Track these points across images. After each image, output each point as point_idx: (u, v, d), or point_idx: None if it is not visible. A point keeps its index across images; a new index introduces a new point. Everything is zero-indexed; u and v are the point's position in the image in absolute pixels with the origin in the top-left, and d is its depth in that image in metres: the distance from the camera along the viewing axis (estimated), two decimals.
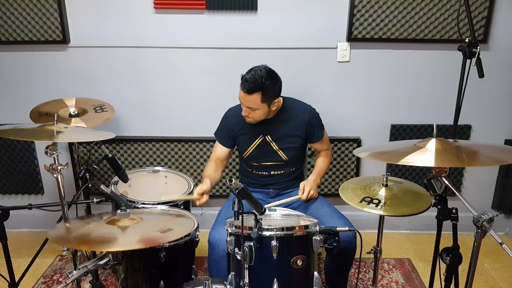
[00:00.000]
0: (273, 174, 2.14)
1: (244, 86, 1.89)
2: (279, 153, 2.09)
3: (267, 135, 2.08)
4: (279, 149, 2.09)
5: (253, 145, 2.10)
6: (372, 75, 2.61)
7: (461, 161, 1.39)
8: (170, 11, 2.48)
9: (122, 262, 1.67)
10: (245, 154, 2.14)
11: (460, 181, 2.82)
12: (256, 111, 1.96)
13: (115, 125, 2.67)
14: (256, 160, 2.13)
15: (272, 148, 2.09)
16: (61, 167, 1.57)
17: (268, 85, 1.89)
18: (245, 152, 2.13)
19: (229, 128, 2.14)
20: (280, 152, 2.09)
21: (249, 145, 2.11)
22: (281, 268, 1.48)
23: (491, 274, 2.46)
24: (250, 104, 1.92)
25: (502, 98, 2.64)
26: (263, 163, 2.13)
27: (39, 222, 2.88)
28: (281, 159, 2.11)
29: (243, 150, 2.14)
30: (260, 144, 2.09)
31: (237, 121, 2.11)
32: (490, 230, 1.22)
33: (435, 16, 2.45)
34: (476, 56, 1.65)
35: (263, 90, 1.88)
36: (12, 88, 2.64)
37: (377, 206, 1.59)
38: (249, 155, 2.13)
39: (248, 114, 1.98)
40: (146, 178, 2.23)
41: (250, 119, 2.01)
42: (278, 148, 2.08)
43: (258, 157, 2.12)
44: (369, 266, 2.54)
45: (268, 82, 1.89)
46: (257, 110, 1.95)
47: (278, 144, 2.08)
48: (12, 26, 2.49)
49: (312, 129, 2.10)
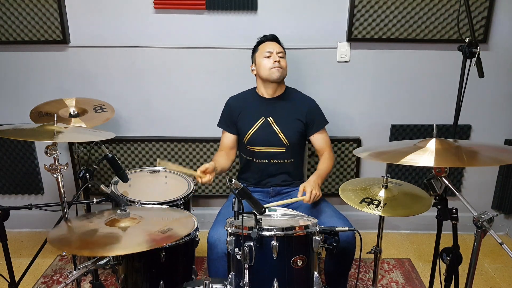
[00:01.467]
0: (273, 162, 2.15)
1: (269, 37, 2.18)
2: (280, 135, 2.11)
3: (268, 117, 2.12)
4: (280, 131, 2.11)
5: (254, 127, 2.13)
6: (372, 75, 2.61)
7: (461, 161, 1.39)
8: (170, 11, 2.48)
9: (122, 262, 1.67)
10: (246, 137, 2.15)
11: (460, 181, 2.82)
12: (283, 59, 2.12)
13: (115, 125, 2.67)
14: (257, 144, 2.14)
15: (273, 130, 2.12)
16: (61, 167, 1.57)
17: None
18: (246, 134, 2.15)
19: (231, 113, 2.21)
20: (281, 135, 2.11)
21: (250, 127, 2.14)
22: (281, 268, 1.48)
23: (491, 274, 2.46)
24: (280, 49, 2.14)
25: (502, 98, 2.64)
26: (264, 148, 2.14)
27: (39, 222, 2.88)
28: (282, 143, 2.12)
29: (244, 133, 2.16)
30: (261, 126, 2.13)
31: (238, 106, 2.21)
32: (490, 230, 1.22)
33: (435, 16, 2.46)
34: (476, 56, 1.65)
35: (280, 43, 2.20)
36: (12, 88, 2.64)
37: (377, 207, 1.59)
38: (250, 137, 2.14)
39: (279, 61, 2.09)
40: (146, 178, 2.23)
41: (279, 69, 2.09)
42: (279, 131, 2.11)
43: (259, 140, 2.14)
44: (369, 266, 2.54)
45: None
46: (283, 58, 2.13)
47: (279, 126, 2.12)
48: (12, 26, 2.49)
49: (313, 116, 2.15)
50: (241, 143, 2.21)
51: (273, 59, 2.08)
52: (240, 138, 2.22)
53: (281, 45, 2.18)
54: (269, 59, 2.09)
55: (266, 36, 2.19)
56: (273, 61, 2.08)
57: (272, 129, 2.12)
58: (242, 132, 2.18)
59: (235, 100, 2.25)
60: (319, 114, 2.20)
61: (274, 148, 2.13)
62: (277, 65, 2.08)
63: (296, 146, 2.17)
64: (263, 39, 2.19)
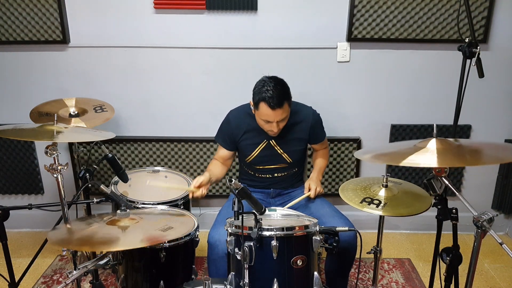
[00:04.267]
0: (276, 176, 2.14)
1: (272, 102, 1.83)
2: (283, 156, 2.09)
3: (271, 140, 2.06)
4: (284, 152, 2.08)
5: (257, 150, 2.08)
6: (372, 75, 2.61)
7: (463, 160, 1.39)
8: (170, 11, 2.48)
9: (122, 262, 1.67)
10: (249, 159, 2.11)
11: (460, 181, 2.82)
12: (284, 120, 1.93)
13: (115, 125, 2.67)
14: (260, 164, 2.12)
15: (277, 152, 2.08)
16: (61, 167, 1.57)
17: (287, 88, 1.92)
18: (249, 157, 2.11)
19: (231, 133, 2.10)
20: (284, 155, 2.09)
21: (252, 150, 2.09)
22: (281, 268, 1.48)
23: (491, 274, 2.46)
24: (283, 115, 1.88)
25: (502, 98, 2.64)
26: (267, 167, 2.13)
27: (39, 222, 2.88)
28: (285, 162, 2.11)
29: (247, 155, 2.11)
30: (264, 148, 2.08)
31: (239, 126, 2.08)
32: (490, 230, 1.22)
33: (435, 16, 2.45)
34: (476, 56, 1.65)
35: (288, 95, 1.91)
36: (12, 88, 2.64)
37: (378, 207, 1.59)
38: (253, 159, 2.11)
39: (276, 129, 1.92)
40: (146, 178, 2.23)
41: (277, 132, 1.95)
42: (282, 152, 2.08)
43: (262, 161, 2.11)
44: (369, 266, 2.54)
45: (286, 85, 1.92)
46: (285, 118, 1.93)
47: (283, 148, 2.08)
48: (12, 26, 2.49)
49: (315, 132, 2.12)
50: (243, 161, 2.17)
51: (272, 128, 1.93)
52: (241, 156, 2.19)
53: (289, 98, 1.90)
54: (267, 124, 1.93)
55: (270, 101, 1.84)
56: (271, 129, 1.94)
57: (275, 151, 2.08)
58: (244, 154, 2.12)
59: (236, 117, 2.10)
60: (320, 128, 2.15)
61: (277, 165, 2.12)
62: (274, 131, 1.94)
63: (298, 160, 2.16)
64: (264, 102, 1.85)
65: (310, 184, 2.05)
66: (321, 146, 2.21)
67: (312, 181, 2.07)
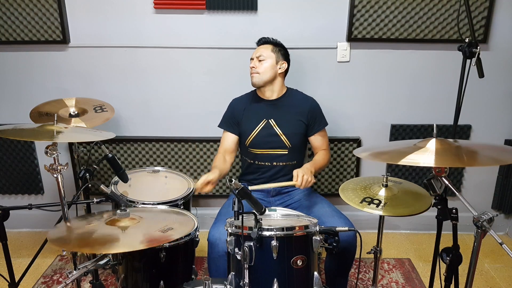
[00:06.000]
0: (275, 165, 2.14)
1: (259, 41, 2.20)
2: (282, 138, 2.11)
3: (270, 119, 2.12)
4: (282, 133, 2.11)
5: (256, 129, 2.13)
6: (372, 75, 2.61)
7: (461, 161, 1.39)
8: (170, 11, 2.48)
9: (122, 262, 1.67)
10: (248, 139, 2.15)
11: (460, 181, 2.82)
12: (263, 63, 2.08)
13: (115, 125, 2.67)
14: (259, 146, 2.14)
15: (275, 132, 2.11)
16: (61, 167, 1.57)
17: (278, 43, 2.18)
18: (248, 137, 2.15)
19: (233, 114, 2.22)
20: (283, 137, 2.11)
21: (252, 129, 2.14)
22: (281, 268, 1.48)
23: (491, 274, 2.46)
24: (260, 51, 2.11)
25: (502, 98, 2.64)
26: (266, 151, 2.13)
27: (39, 222, 2.88)
28: (284, 145, 2.12)
29: (247, 135, 2.16)
30: (263, 128, 2.13)
31: (241, 108, 2.21)
32: (490, 230, 1.22)
33: (435, 16, 2.46)
34: (476, 56, 1.65)
35: (274, 43, 2.16)
36: (12, 88, 2.64)
37: (378, 207, 1.59)
38: (252, 140, 2.14)
39: (256, 66, 2.08)
40: (146, 178, 2.23)
41: (255, 74, 2.09)
42: (281, 133, 2.11)
43: (261, 142, 2.13)
44: (369, 266, 2.54)
45: (278, 42, 2.18)
46: (264, 61, 2.08)
47: (281, 129, 2.11)
48: (12, 26, 2.49)
49: (314, 117, 2.15)
50: (243, 146, 2.21)
51: (253, 64, 2.12)
52: (242, 141, 2.21)
53: (275, 44, 2.16)
54: (251, 63, 2.13)
55: (258, 41, 2.21)
56: (253, 65, 2.12)
57: (274, 131, 2.12)
58: (244, 134, 2.17)
59: (238, 101, 2.26)
60: (320, 114, 2.20)
61: (276, 151, 2.13)
62: (253, 70, 2.11)
63: (298, 148, 2.16)
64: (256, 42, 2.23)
65: (298, 171, 1.87)
66: (320, 143, 2.19)
67: (300, 169, 1.89)
